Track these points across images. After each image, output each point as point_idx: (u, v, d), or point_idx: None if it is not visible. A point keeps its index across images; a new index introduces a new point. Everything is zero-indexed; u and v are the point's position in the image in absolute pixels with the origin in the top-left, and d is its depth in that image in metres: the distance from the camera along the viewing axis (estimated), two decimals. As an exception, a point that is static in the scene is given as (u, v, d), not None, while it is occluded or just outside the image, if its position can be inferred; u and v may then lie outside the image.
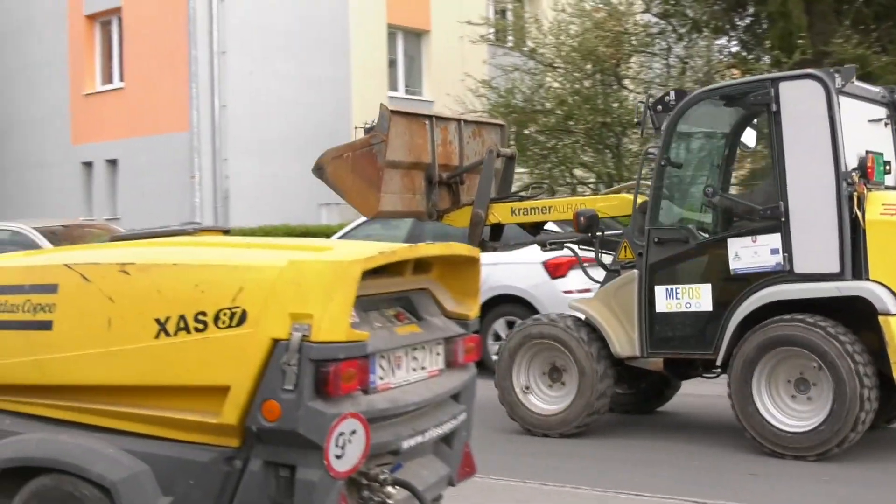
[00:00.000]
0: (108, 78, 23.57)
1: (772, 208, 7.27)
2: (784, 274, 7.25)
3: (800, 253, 7.19)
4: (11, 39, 24.89)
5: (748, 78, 8.42)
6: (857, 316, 7.17)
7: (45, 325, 4.10)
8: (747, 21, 17.52)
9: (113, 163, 22.77)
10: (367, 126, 8.70)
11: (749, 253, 7.36)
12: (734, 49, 18.06)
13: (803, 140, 7.21)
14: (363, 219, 11.47)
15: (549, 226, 9.47)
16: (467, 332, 4.54)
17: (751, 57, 16.79)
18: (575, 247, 8.87)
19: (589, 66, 17.96)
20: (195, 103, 20.30)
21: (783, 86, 7.31)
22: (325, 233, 15.41)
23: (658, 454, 7.81)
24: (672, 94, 8.17)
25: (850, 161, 7.16)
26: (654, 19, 18.12)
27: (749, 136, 8.74)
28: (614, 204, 8.50)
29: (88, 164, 23.31)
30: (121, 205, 22.62)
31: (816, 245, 7.16)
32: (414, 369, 4.22)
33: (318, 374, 3.65)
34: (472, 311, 4.58)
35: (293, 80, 21.31)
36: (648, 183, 8.34)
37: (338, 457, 3.63)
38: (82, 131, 23.48)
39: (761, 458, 7.33)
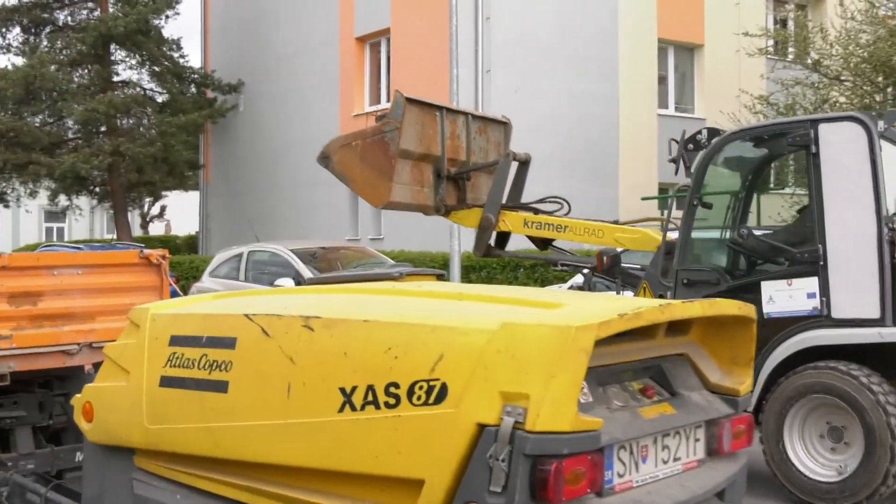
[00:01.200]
0: (375, 98, 23.69)
1: (810, 251, 7.04)
2: (821, 319, 7.00)
3: (838, 297, 6.93)
4: (288, 63, 25.54)
5: (785, 119, 7.95)
6: (891, 362, 6.94)
7: (221, 387, 3.46)
8: None
9: (378, 183, 22.73)
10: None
11: (784, 296, 7.11)
12: None
13: (843, 183, 7.02)
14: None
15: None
16: (736, 411, 3.54)
17: None
18: (588, 272, 8.58)
19: (881, 79, 16.27)
20: (457, 123, 19.90)
21: (823, 128, 7.09)
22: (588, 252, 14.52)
23: None
24: (704, 132, 7.95)
25: (890, 205, 6.98)
26: (961, 25, 16.18)
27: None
28: (636, 238, 8.09)
29: (355, 184, 23.43)
30: (384, 225, 22.60)
31: (856, 290, 6.91)
32: (664, 461, 3.28)
33: (534, 473, 2.80)
34: (744, 385, 3.58)
35: (559, 97, 20.57)
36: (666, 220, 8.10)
37: (559, 582, 2.77)
38: (350, 151, 23.64)
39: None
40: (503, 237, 8.82)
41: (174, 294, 6.53)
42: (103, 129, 25.99)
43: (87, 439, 4.11)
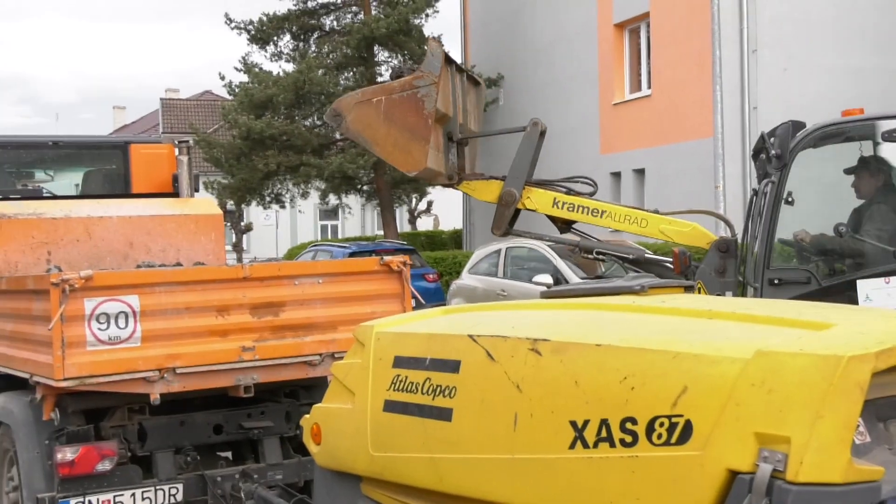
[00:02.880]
0: (636, 86, 23.09)
1: None
2: None
3: None
4: (545, 54, 25.32)
5: (877, 114, 7.23)
6: None
7: (445, 415, 3.18)
8: None
9: (640, 172, 22.20)
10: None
11: (882, 294, 6.76)
12: None
13: None
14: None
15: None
16: None
17: None
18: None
19: None
20: (719, 107, 19.02)
21: None
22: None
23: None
24: (790, 124, 7.25)
25: None
26: None
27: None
28: (685, 231, 7.55)
29: (616, 175, 22.96)
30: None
31: None
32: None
33: None
34: None
35: (832, 74, 19.25)
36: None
37: None
38: (611, 141, 23.20)
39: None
40: (514, 214, 8.13)
41: (416, 302, 6.35)
42: (369, 129, 26.66)
43: (316, 463, 3.95)
